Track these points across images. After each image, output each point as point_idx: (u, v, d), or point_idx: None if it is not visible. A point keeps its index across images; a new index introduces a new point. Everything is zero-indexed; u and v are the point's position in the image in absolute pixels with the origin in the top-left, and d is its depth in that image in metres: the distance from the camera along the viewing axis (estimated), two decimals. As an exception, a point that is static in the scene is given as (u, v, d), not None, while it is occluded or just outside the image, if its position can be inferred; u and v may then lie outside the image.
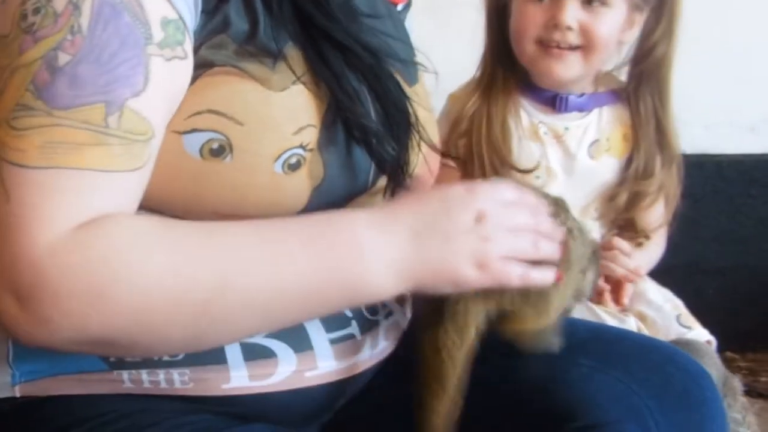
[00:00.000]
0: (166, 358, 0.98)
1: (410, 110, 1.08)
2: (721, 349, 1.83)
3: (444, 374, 1.04)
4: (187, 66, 0.92)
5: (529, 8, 1.60)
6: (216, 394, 1.00)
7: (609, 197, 1.70)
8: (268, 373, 1.01)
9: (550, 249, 1.00)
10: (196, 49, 0.94)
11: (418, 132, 1.08)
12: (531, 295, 1.02)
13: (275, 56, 0.97)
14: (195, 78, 0.93)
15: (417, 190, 1.11)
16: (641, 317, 1.68)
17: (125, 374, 0.98)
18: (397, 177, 1.07)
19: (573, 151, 1.68)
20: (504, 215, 0.97)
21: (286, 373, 1.01)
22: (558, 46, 1.60)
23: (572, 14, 1.57)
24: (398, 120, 1.06)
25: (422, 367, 1.06)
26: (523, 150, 1.67)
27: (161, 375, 0.99)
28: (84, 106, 0.85)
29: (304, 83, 0.98)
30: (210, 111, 0.93)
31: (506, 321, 1.05)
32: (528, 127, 1.68)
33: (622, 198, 1.69)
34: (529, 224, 0.98)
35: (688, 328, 1.70)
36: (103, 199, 0.86)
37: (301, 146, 0.96)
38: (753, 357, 2.56)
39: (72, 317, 0.83)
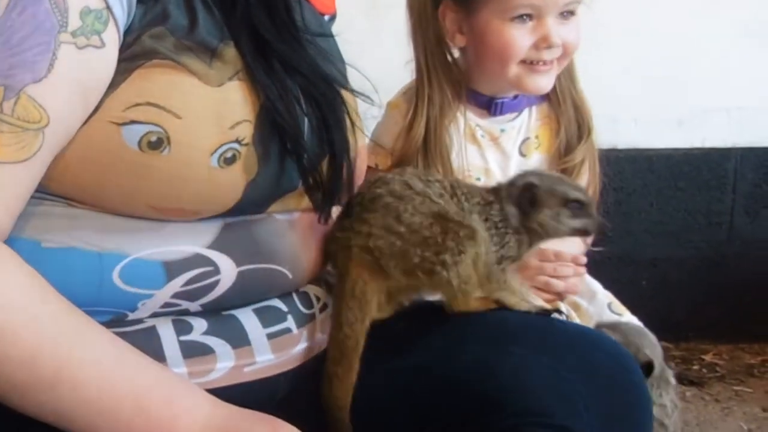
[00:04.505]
0: None
1: (346, 120, 1.11)
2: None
3: (347, 346, 1.11)
4: (106, 56, 0.92)
5: (513, 31, 1.57)
6: None
7: None
8: (208, 370, 1.02)
9: None
10: (137, 38, 0.94)
11: (350, 143, 1.12)
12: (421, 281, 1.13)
13: (213, 52, 0.98)
14: (134, 68, 0.94)
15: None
16: (574, 306, 1.71)
17: None
18: (331, 187, 1.10)
19: (509, 152, 1.71)
20: None
21: (225, 369, 1.02)
22: (543, 63, 1.61)
23: (556, 31, 1.57)
24: (334, 130, 1.09)
25: (328, 340, 1.13)
26: (462, 153, 1.68)
27: None
28: None
29: (240, 79, 0.99)
30: (149, 103, 0.93)
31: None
32: (466, 132, 1.69)
33: None
34: None
35: (619, 315, 1.73)
36: None
37: (237, 140, 0.97)
38: (686, 346, 2.63)
39: None
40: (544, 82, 1.64)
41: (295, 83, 1.05)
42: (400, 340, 1.15)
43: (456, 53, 1.71)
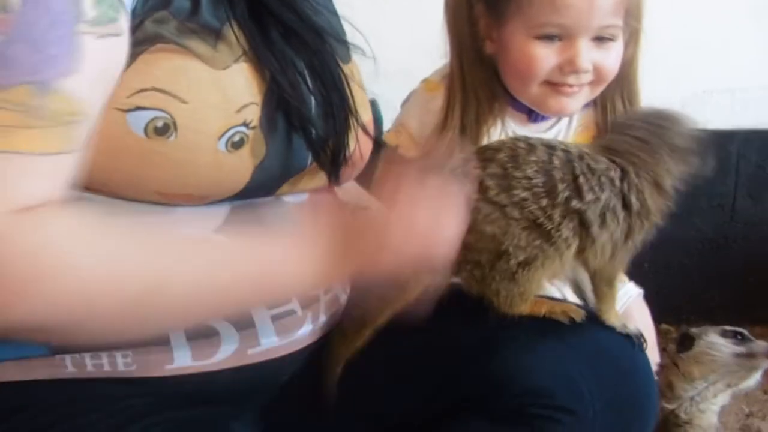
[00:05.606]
0: None
1: (349, 96, 1.09)
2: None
3: (366, 319, 1.10)
4: (123, 43, 0.91)
5: (537, 50, 1.47)
6: (160, 375, 1.01)
7: None
8: (212, 352, 1.01)
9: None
10: (140, 24, 0.93)
11: (356, 118, 1.10)
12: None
13: (217, 34, 0.97)
14: (137, 54, 0.92)
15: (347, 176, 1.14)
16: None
17: (68, 359, 0.99)
18: (333, 163, 1.09)
19: None
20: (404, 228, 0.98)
21: (229, 351, 1.02)
22: (569, 86, 1.50)
23: (587, 56, 1.46)
24: (338, 105, 1.08)
25: (361, 298, 1.11)
26: None
27: (104, 358, 0.99)
28: (12, 87, 0.82)
29: (246, 61, 0.98)
30: (155, 89, 0.92)
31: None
32: (499, 137, 1.59)
33: None
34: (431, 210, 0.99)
35: (621, 282, 1.73)
36: (35, 183, 0.84)
37: (244, 124, 0.97)
38: (687, 329, 2.62)
39: (6, 302, 0.81)
40: (567, 104, 1.53)
41: (298, 58, 1.04)
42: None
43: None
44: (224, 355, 1.02)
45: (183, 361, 1.01)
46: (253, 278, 0.93)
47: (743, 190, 2.62)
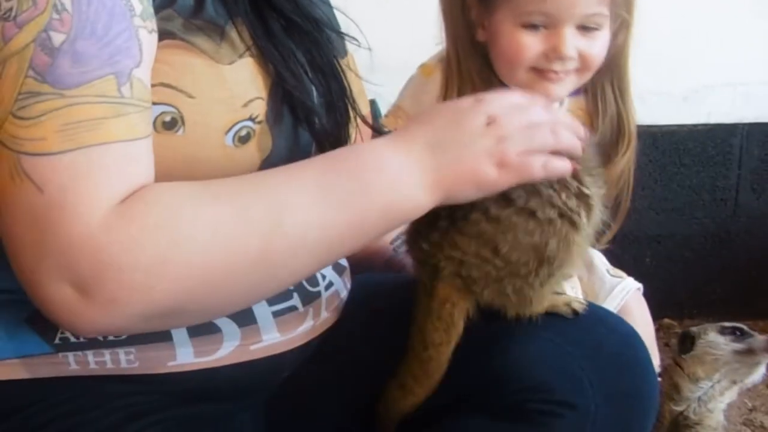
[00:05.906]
0: (110, 337, 0.98)
1: (347, 86, 1.10)
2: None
3: (431, 367, 1.07)
4: (156, 38, 0.92)
5: (523, 37, 1.50)
6: (162, 371, 1.01)
7: None
8: (214, 349, 1.02)
9: (570, 137, 1.01)
10: None
11: (354, 108, 1.11)
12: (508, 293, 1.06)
13: (221, 30, 0.98)
14: None
15: None
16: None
17: (70, 356, 0.99)
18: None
19: None
20: (515, 115, 0.99)
21: (231, 347, 1.02)
22: (555, 72, 1.54)
23: (572, 43, 1.49)
24: (338, 95, 1.09)
25: (409, 354, 1.09)
26: None
27: (107, 355, 0.99)
28: (94, 80, 0.84)
29: (251, 56, 0.99)
30: (162, 84, 0.93)
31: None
32: None
33: None
34: (543, 119, 1.00)
35: (620, 278, 1.73)
36: (135, 168, 0.85)
37: (251, 118, 0.97)
38: (690, 323, 2.61)
39: (140, 291, 0.82)
40: (553, 90, 1.56)
41: (298, 49, 1.05)
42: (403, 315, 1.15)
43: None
44: (226, 351, 1.02)
45: (185, 357, 1.01)
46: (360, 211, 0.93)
47: (746, 183, 2.62)
